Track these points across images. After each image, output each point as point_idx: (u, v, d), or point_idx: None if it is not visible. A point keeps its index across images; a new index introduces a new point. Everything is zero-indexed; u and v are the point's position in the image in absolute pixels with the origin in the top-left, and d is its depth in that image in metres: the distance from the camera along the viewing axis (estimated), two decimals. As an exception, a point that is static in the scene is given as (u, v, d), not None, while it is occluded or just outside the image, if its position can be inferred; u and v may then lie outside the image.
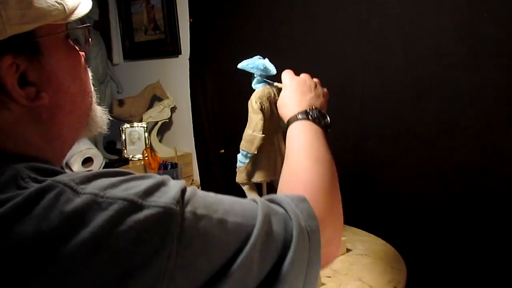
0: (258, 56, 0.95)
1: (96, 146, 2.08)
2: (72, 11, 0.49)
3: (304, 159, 0.62)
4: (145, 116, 2.28)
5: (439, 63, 1.23)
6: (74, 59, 0.52)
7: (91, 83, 0.56)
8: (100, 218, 0.36)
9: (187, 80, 2.06)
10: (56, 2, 0.46)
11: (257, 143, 0.89)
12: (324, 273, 1.01)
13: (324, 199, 0.56)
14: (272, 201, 0.50)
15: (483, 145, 1.18)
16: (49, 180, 0.38)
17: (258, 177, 0.94)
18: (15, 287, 0.35)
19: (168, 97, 2.26)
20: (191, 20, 1.98)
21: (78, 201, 0.37)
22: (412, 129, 1.31)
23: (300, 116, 0.70)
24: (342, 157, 1.56)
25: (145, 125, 2.22)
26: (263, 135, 0.89)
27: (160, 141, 2.33)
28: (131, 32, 2.42)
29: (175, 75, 2.21)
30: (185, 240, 0.38)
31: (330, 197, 0.57)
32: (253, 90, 0.97)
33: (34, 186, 0.38)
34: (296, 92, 0.77)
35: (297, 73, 0.87)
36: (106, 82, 2.46)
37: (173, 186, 0.42)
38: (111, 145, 2.47)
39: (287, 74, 0.82)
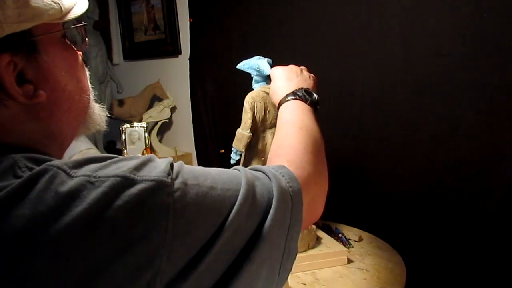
0: (258, 56, 0.95)
1: (96, 146, 2.08)
2: (68, 11, 0.50)
3: (289, 129, 0.65)
4: (145, 116, 2.28)
5: (439, 63, 1.22)
6: (71, 57, 0.53)
7: (88, 81, 0.57)
8: (95, 194, 0.37)
9: (187, 80, 2.06)
10: (52, 1, 0.47)
11: (244, 141, 0.91)
12: (302, 279, 1.00)
13: (307, 160, 0.58)
14: (254, 169, 0.52)
15: (483, 145, 1.18)
16: (43, 165, 0.39)
17: None
18: (16, 268, 0.35)
19: (168, 97, 2.26)
20: (191, 20, 1.98)
21: (71, 182, 0.38)
22: (412, 129, 1.31)
23: (288, 98, 0.74)
24: (342, 157, 1.56)
25: (145, 125, 2.22)
26: (250, 134, 0.92)
27: (160, 141, 2.33)
28: (131, 32, 2.43)
29: (175, 75, 2.21)
30: (179, 209, 0.40)
31: (313, 159, 0.60)
32: (253, 90, 0.98)
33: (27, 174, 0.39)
34: (283, 78, 0.80)
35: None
36: (106, 82, 2.47)
37: (161, 162, 0.43)
38: (111, 145, 2.47)
39: (274, 68, 0.86)
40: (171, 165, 0.43)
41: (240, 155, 0.94)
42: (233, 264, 0.44)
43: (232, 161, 0.95)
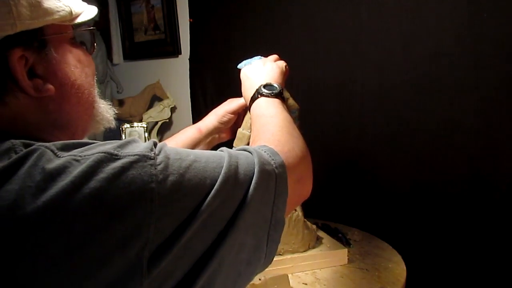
0: (259, 56, 0.95)
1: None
2: (78, 15, 0.54)
3: (262, 121, 0.69)
4: (145, 116, 2.28)
5: (439, 63, 1.23)
6: (80, 54, 0.55)
7: (94, 77, 0.59)
8: (79, 169, 0.39)
9: (187, 80, 2.06)
10: (63, 4, 0.51)
11: (245, 140, 0.91)
12: (303, 279, 1.00)
13: (285, 138, 0.61)
14: (243, 149, 0.55)
15: (483, 145, 1.18)
16: (34, 145, 0.42)
17: None
18: (6, 239, 0.37)
19: (168, 97, 2.26)
20: (191, 20, 1.98)
21: (58, 161, 0.40)
22: (412, 129, 1.31)
23: (253, 101, 0.76)
24: (343, 157, 1.56)
25: (145, 125, 2.22)
26: (251, 133, 0.91)
27: (160, 141, 2.30)
28: (131, 32, 2.42)
29: (175, 75, 2.21)
30: (163, 179, 0.41)
31: (290, 137, 0.63)
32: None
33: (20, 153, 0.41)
34: (245, 81, 0.84)
35: (298, 73, 0.87)
36: (106, 82, 2.47)
37: (145, 143, 0.45)
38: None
39: (241, 73, 0.89)
40: (154, 143, 0.45)
41: None
42: (221, 234, 0.46)
43: None
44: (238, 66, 0.96)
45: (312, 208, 1.20)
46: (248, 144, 0.92)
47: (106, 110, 0.61)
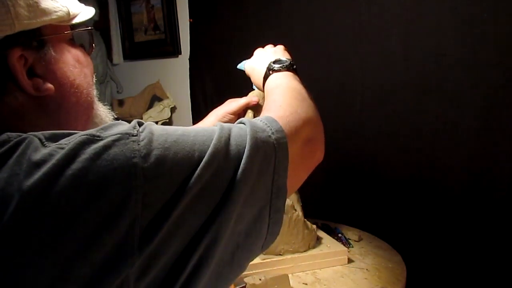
0: (259, 56, 0.95)
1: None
2: (75, 15, 0.54)
3: (275, 93, 0.65)
4: (145, 116, 2.28)
5: (439, 63, 1.23)
6: (78, 54, 0.56)
7: (93, 77, 0.60)
8: (62, 152, 0.39)
9: (187, 80, 2.06)
10: (60, 4, 0.51)
11: None
12: (303, 279, 1.00)
13: (289, 103, 0.59)
14: (239, 122, 0.53)
15: (483, 145, 1.18)
16: (23, 135, 0.42)
17: None
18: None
19: (168, 97, 2.26)
20: (191, 20, 1.98)
21: (44, 150, 0.40)
22: (412, 128, 1.31)
23: (265, 79, 0.74)
24: (343, 157, 1.56)
25: (145, 125, 2.22)
26: None
27: (160, 141, 2.33)
28: (131, 32, 2.42)
29: (175, 75, 2.21)
30: (146, 154, 0.41)
31: (298, 102, 0.60)
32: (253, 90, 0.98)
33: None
34: (254, 65, 0.82)
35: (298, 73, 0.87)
36: (106, 82, 2.47)
37: (131, 123, 0.45)
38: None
39: (245, 66, 0.87)
40: (139, 122, 0.44)
41: None
42: (216, 208, 0.44)
43: None
44: (238, 67, 0.96)
45: (312, 208, 1.20)
46: None
47: (105, 114, 0.61)
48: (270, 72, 0.73)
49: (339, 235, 1.21)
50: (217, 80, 1.93)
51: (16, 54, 0.47)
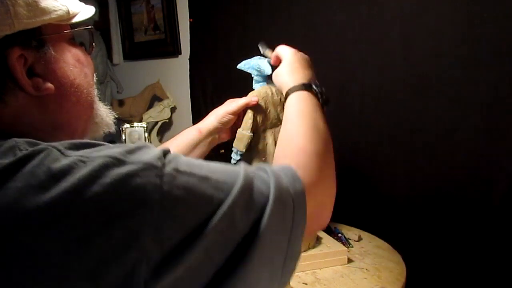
0: (259, 56, 0.96)
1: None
2: (75, 15, 0.54)
3: (299, 126, 0.64)
4: (145, 116, 2.28)
5: (439, 63, 1.23)
6: (78, 53, 0.56)
7: (94, 77, 0.59)
8: (83, 171, 0.39)
9: (187, 80, 2.06)
10: (60, 3, 0.51)
11: (245, 141, 0.91)
12: (303, 279, 1.00)
13: (316, 164, 0.57)
14: (260, 169, 0.51)
15: (483, 145, 1.18)
16: (41, 145, 0.41)
17: None
18: (6, 237, 0.37)
19: (168, 97, 2.26)
20: (191, 20, 1.99)
21: (64, 161, 0.39)
22: (412, 129, 1.31)
23: (302, 87, 0.72)
24: (342, 157, 1.56)
25: (145, 125, 2.22)
26: (251, 134, 0.91)
27: (160, 141, 2.33)
28: (131, 32, 2.43)
29: (175, 75, 2.21)
30: (167, 191, 0.40)
31: (322, 163, 0.59)
32: (253, 90, 0.98)
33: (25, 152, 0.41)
34: (296, 63, 0.78)
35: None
36: (106, 82, 2.47)
37: (156, 149, 0.44)
38: (111, 145, 2.47)
39: (284, 47, 0.83)
40: (165, 152, 0.43)
41: (241, 155, 0.94)
42: (229, 261, 0.43)
43: (233, 161, 0.95)
44: (238, 66, 0.96)
45: (312, 208, 1.20)
46: (248, 144, 0.92)
47: (106, 114, 0.61)
48: (311, 89, 0.72)
49: (339, 235, 1.21)
50: (217, 80, 1.93)
51: (16, 53, 0.46)
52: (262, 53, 0.94)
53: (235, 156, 0.94)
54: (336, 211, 1.51)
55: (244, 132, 0.92)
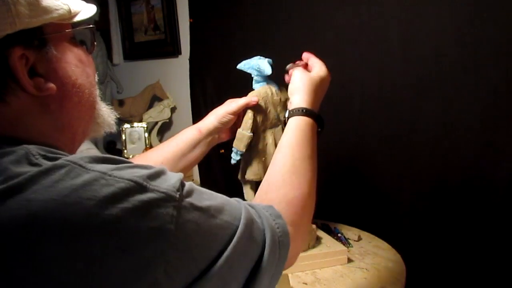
0: (258, 56, 0.96)
1: (96, 146, 2.09)
2: (77, 13, 0.54)
3: (292, 171, 0.67)
4: (145, 116, 2.28)
5: (439, 64, 1.23)
6: (80, 53, 0.55)
7: (95, 77, 0.59)
8: (106, 191, 0.39)
9: (187, 80, 2.06)
10: (61, 2, 0.51)
11: (245, 141, 0.91)
12: (303, 279, 1.00)
13: (299, 215, 0.62)
14: (253, 208, 0.55)
15: (483, 145, 1.18)
16: (61, 159, 0.42)
17: (249, 175, 0.96)
18: (25, 249, 0.37)
19: (168, 97, 2.26)
20: (191, 20, 1.98)
21: (86, 176, 0.40)
22: (412, 129, 1.31)
23: (308, 113, 0.76)
24: (342, 157, 1.56)
25: (145, 125, 2.22)
26: (251, 134, 0.91)
27: (160, 141, 2.33)
28: (131, 32, 2.43)
29: (175, 75, 2.21)
30: (182, 224, 0.42)
31: (305, 213, 0.63)
32: (253, 90, 0.98)
33: (44, 163, 0.41)
34: (317, 86, 0.83)
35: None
36: (106, 82, 2.47)
37: (172, 176, 0.46)
38: (111, 145, 2.47)
39: (318, 63, 0.89)
40: (182, 183, 0.45)
41: (241, 155, 0.94)
42: None
43: (233, 161, 0.95)
44: (238, 66, 0.96)
45: (312, 208, 1.20)
46: (248, 144, 0.92)
47: (108, 114, 0.61)
48: (314, 117, 0.76)
49: (339, 235, 1.21)
50: (217, 80, 1.93)
51: (17, 53, 0.46)
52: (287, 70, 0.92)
53: (235, 156, 0.94)
54: (336, 211, 1.52)
55: (244, 132, 0.92)
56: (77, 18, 0.54)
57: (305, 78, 0.82)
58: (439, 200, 1.28)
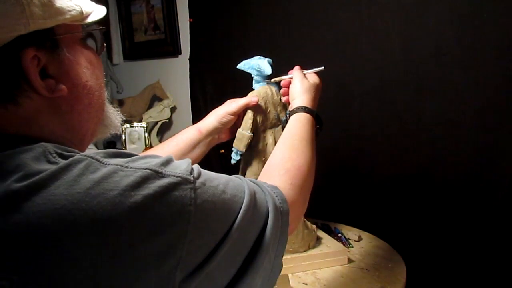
0: (259, 56, 0.96)
1: (96, 146, 2.08)
2: (88, 14, 0.54)
3: (291, 148, 0.72)
4: (145, 116, 2.28)
5: (439, 63, 1.23)
6: (90, 55, 0.56)
7: (104, 79, 0.59)
8: (127, 181, 0.41)
9: (187, 80, 2.06)
10: (74, 3, 0.51)
11: (245, 141, 0.91)
12: (303, 279, 1.00)
13: (298, 186, 0.65)
14: (253, 182, 0.58)
15: (483, 145, 1.18)
16: (77, 155, 0.43)
17: (249, 175, 0.96)
18: (55, 242, 0.38)
19: (168, 97, 2.26)
20: (191, 20, 1.98)
21: (104, 170, 0.41)
22: (412, 128, 1.31)
23: (308, 111, 0.82)
24: (343, 157, 1.56)
25: (145, 125, 2.22)
26: (251, 134, 0.91)
27: (160, 141, 2.33)
28: (131, 32, 2.43)
29: (175, 75, 2.21)
30: (200, 204, 0.44)
31: (304, 184, 0.67)
32: (253, 90, 0.98)
33: (61, 162, 0.42)
34: (314, 91, 0.88)
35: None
36: (106, 82, 2.46)
37: (182, 161, 0.48)
38: (111, 145, 2.47)
39: (297, 72, 0.93)
40: (192, 167, 0.47)
41: (241, 155, 0.94)
42: (239, 271, 0.49)
43: (233, 161, 0.95)
44: (238, 66, 0.96)
45: (312, 208, 1.20)
46: (248, 144, 0.92)
47: (115, 116, 0.61)
48: (313, 114, 0.81)
49: (339, 235, 1.21)
50: (217, 80, 1.93)
51: (30, 54, 0.46)
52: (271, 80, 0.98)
53: (235, 156, 0.94)
54: (336, 211, 1.52)
55: (244, 132, 0.92)
56: (88, 20, 0.54)
57: (306, 82, 0.89)
58: (439, 200, 1.28)
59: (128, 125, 2.22)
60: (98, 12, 0.56)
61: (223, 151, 1.91)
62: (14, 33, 0.44)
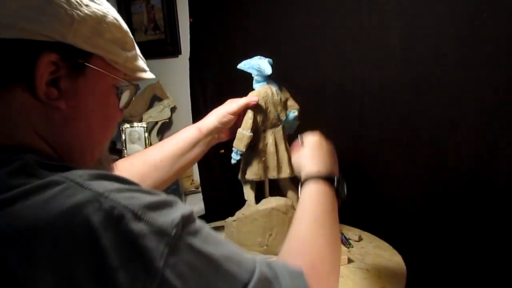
0: (259, 56, 0.96)
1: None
2: (133, 69, 0.55)
3: (312, 231, 0.63)
4: (145, 116, 2.28)
5: (439, 63, 1.23)
6: (109, 103, 0.55)
7: (113, 132, 0.58)
8: (96, 217, 0.37)
9: (187, 80, 2.06)
10: (122, 49, 0.53)
11: (245, 141, 0.91)
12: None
13: (325, 277, 0.57)
14: (270, 267, 0.49)
15: (483, 145, 1.18)
16: (58, 176, 0.40)
17: (249, 175, 0.96)
18: (14, 264, 0.36)
19: (168, 97, 2.26)
20: (191, 20, 1.98)
21: (80, 196, 0.38)
22: (412, 129, 1.31)
23: (322, 176, 0.74)
24: (342, 157, 1.56)
25: (145, 125, 2.22)
26: (251, 134, 0.91)
27: (160, 141, 2.33)
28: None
29: (175, 75, 2.21)
30: (172, 264, 0.39)
31: (330, 274, 0.59)
32: (253, 90, 0.98)
33: (41, 174, 0.41)
34: (319, 151, 0.82)
35: (298, 73, 0.87)
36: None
37: (179, 209, 0.42)
38: (111, 145, 2.46)
39: (309, 135, 0.88)
40: (186, 219, 0.42)
41: (241, 155, 0.94)
42: None
43: (233, 161, 0.95)
44: (238, 66, 0.96)
45: (312, 208, 1.20)
46: (248, 143, 0.92)
47: (106, 159, 0.61)
48: (333, 183, 0.75)
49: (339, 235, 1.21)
50: (217, 80, 1.92)
51: (51, 58, 0.45)
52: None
53: (235, 156, 0.94)
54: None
55: (244, 132, 0.92)
56: (130, 73, 0.54)
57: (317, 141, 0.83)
58: (440, 201, 1.28)
59: (128, 125, 2.22)
60: (146, 74, 0.57)
61: (223, 151, 1.90)
62: (50, 35, 0.45)
